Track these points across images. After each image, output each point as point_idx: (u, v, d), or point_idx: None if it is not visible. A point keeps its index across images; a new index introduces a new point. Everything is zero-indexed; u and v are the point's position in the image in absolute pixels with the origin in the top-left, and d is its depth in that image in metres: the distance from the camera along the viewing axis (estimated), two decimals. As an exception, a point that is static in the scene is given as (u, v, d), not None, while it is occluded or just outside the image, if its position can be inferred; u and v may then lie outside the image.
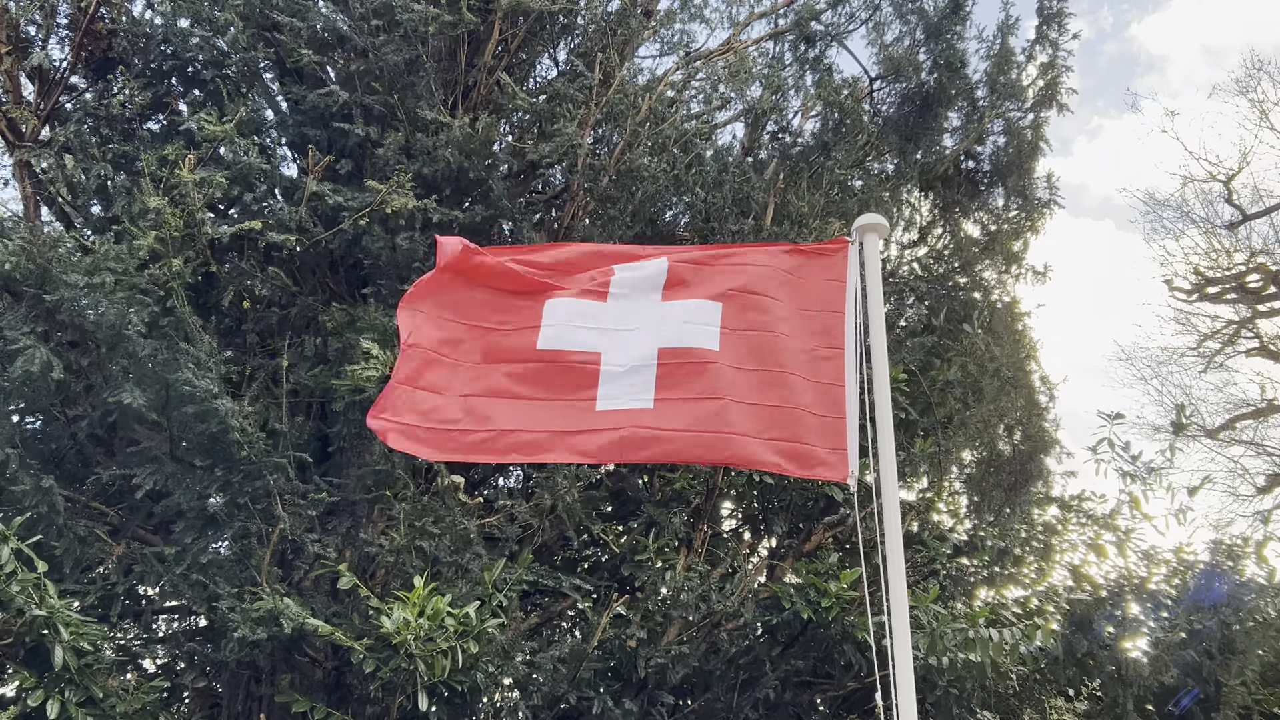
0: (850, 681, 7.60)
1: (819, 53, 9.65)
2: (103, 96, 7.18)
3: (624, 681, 7.13)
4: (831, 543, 8.15)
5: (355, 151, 7.45)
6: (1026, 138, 9.89)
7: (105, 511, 6.46)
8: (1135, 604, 8.00)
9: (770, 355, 4.64)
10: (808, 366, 4.63)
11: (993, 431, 9.39)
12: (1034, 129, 9.91)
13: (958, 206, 10.14)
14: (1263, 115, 18.14)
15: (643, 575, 7.30)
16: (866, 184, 9.31)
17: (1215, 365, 19.02)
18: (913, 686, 4.13)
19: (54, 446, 6.39)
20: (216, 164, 6.85)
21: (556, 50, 8.50)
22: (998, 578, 8.40)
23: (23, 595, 5.39)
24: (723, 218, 8.03)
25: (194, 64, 7.20)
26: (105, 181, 6.86)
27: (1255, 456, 18.58)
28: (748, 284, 4.75)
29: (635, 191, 7.59)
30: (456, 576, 6.60)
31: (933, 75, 9.36)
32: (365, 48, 7.26)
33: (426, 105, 7.24)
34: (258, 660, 6.27)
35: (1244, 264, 18.33)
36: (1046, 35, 9.90)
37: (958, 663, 6.95)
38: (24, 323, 5.92)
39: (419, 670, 5.84)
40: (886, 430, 4.45)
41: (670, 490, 7.97)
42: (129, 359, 6.09)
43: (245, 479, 6.31)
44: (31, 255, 5.88)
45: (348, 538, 6.74)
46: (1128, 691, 7.66)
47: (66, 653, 5.54)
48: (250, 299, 6.97)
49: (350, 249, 7.16)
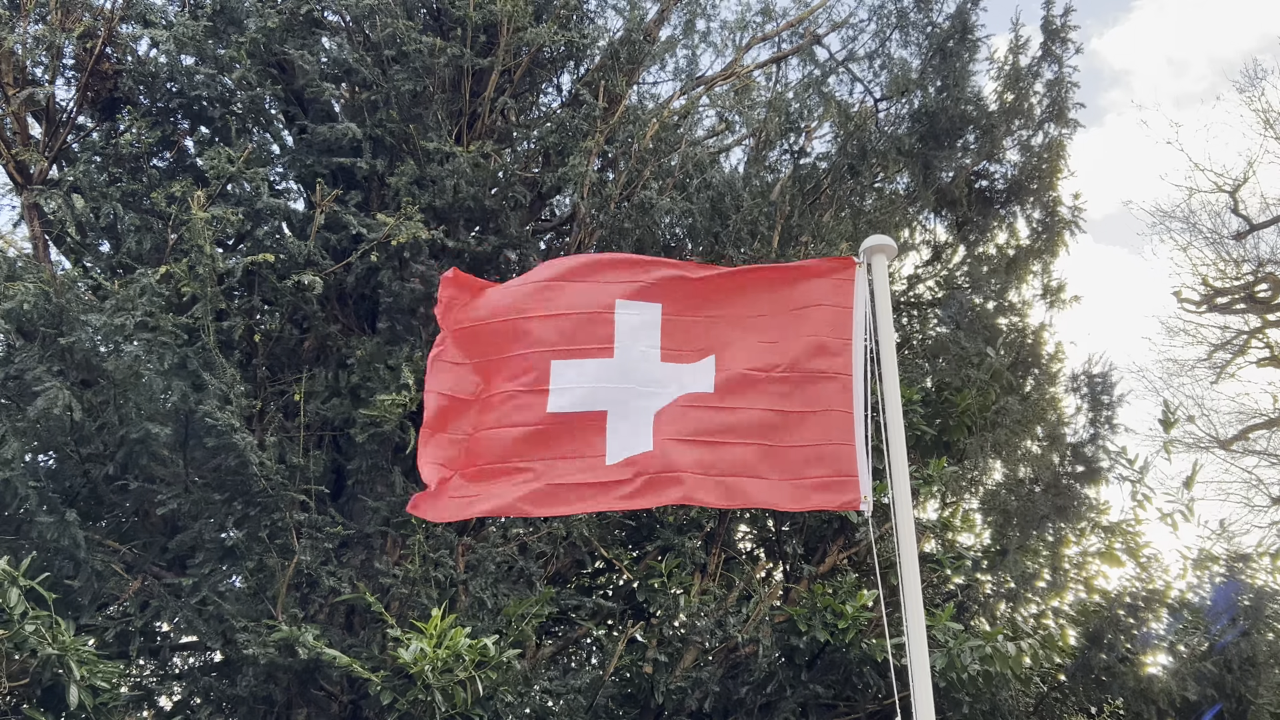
0: (869, 704, 7.57)
1: (823, 75, 9.69)
2: (110, 135, 7.23)
3: (641, 708, 7.10)
4: (847, 564, 8.12)
5: (363, 184, 7.48)
6: (1044, 156, 9.92)
7: (119, 549, 6.47)
8: (1151, 616, 7.96)
9: (773, 393, 4.64)
10: (814, 397, 4.62)
11: (1013, 455, 9.35)
12: (1053, 148, 9.94)
13: (972, 226, 10.15)
14: (1267, 125, 18.13)
15: (658, 601, 7.29)
16: (877, 205, 9.32)
17: (1226, 376, 18.95)
18: (931, 707, 4.11)
19: (67, 484, 6.40)
20: (224, 200, 6.89)
21: (560, 77, 8.55)
22: (1017, 596, 8.36)
23: (35, 635, 5.39)
24: (732, 242, 8.05)
25: (200, 101, 7.25)
26: (115, 220, 6.90)
27: (1269, 467, 18.49)
28: (745, 323, 4.74)
29: (644, 221, 7.62)
30: (475, 608, 6.60)
31: (942, 95, 9.38)
32: (372, 79, 7.30)
33: (434, 136, 7.29)
34: (274, 694, 6.27)
35: (1252, 273, 18.29)
36: (1052, 51, 9.93)
37: (978, 678, 6.92)
38: (39, 362, 5.94)
39: (436, 701, 5.83)
40: (899, 451, 4.44)
41: (685, 515, 7.96)
42: (146, 399, 6.12)
43: (262, 512, 6.32)
44: (48, 296, 5.92)
45: (362, 570, 6.74)
46: (1151, 708, 7.60)
47: (82, 692, 5.53)
48: (262, 333, 6.99)
49: (361, 282, 7.19)
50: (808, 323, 4.71)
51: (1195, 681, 7.73)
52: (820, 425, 4.57)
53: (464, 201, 7.20)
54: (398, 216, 6.78)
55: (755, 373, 4.66)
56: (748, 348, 4.70)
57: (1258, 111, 18.36)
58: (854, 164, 8.97)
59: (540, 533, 7.01)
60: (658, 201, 7.58)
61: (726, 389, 4.63)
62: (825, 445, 4.53)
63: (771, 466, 4.52)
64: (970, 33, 9.53)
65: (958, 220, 10.26)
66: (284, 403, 7.05)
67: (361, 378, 6.81)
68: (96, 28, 7.07)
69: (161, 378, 6.12)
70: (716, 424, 4.56)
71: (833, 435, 4.54)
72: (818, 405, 4.59)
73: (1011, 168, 10.06)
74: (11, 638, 5.32)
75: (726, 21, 10.16)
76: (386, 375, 6.75)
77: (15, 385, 5.99)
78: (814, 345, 4.67)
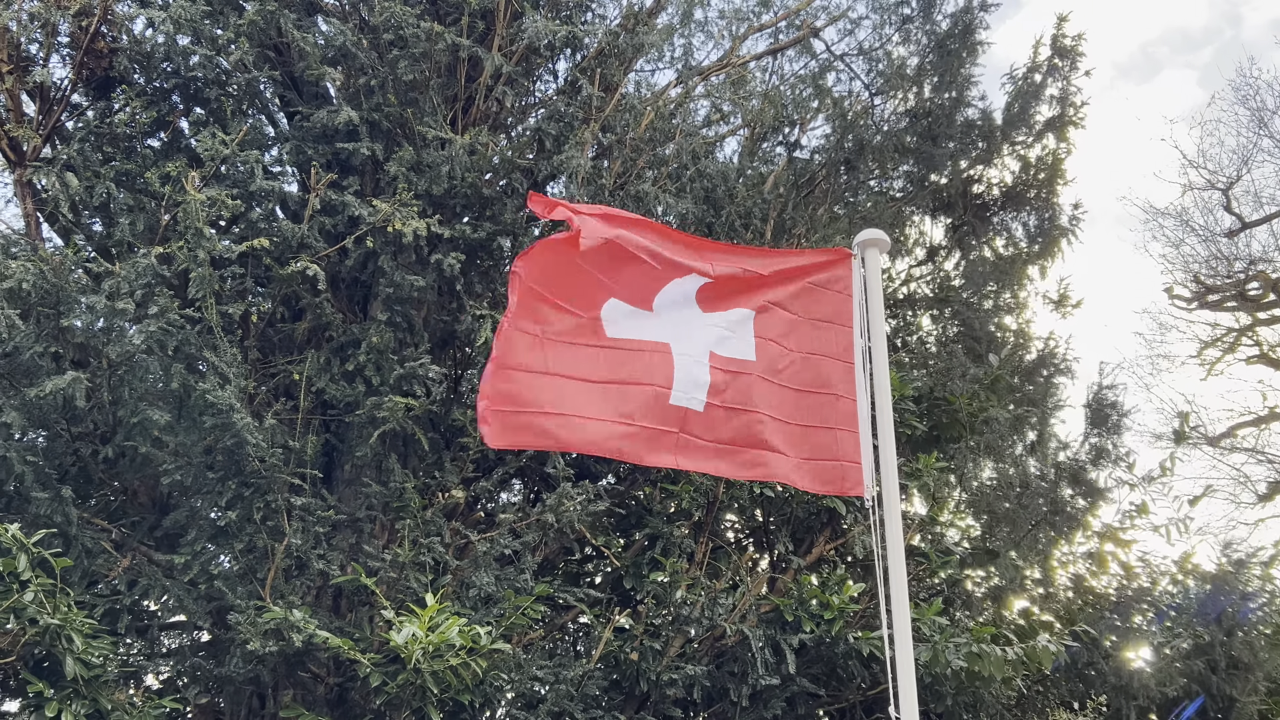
0: (852, 695, 7.62)
1: (820, 69, 9.69)
2: (105, 115, 7.20)
3: (626, 696, 7.13)
4: (834, 555, 8.16)
5: (358, 170, 7.48)
6: (1045, 164, 9.99)
7: (108, 527, 6.48)
8: (1138, 614, 8.02)
9: (792, 370, 4.69)
10: (823, 380, 4.67)
11: (1002, 458, 9.38)
12: (1053, 159, 10.00)
13: (969, 229, 10.19)
14: (1261, 123, 18.18)
15: (645, 589, 7.32)
16: (871, 202, 9.35)
17: (1216, 373, 19.04)
18: (915, 698, 4.16)
19: (58, 463, 6.40)
20: (219, 181, 6.88)
21: (556, 64, 8.54)
22: (1002, 593, 8.42)
23: (35, 605, 5.40)
24: (724, 233, 8.07)
25: (196, 82, 7.23)
26: (108, 200, 6.88)
27: (1257, 464, 18.60)
28: (772, 295, 4.78)
29: (638, 211, 7.61)
30: (463, 591, 6.62)
31: (940, 94, 9.40)
32: (369, 63, 7.29)
33: (431, 121, 7.28)
34: (261, 676, 6.28)
35: (1244, 271, 18.36)
36: (1058, 68, 9.98)
37: (961, 674, 6.97)
38: (36, 341, 5.94)
39: (428, 685, 5.85)
40: (888, 443, 4.48)
41: (673, 503, 7.98)
42: (140, 380, 6.12)
43: (256, 493, 6.33)
44: (44, 275, 5.91)
45: (351, 553, 6.75)
46: (1131, 704, 7.67)
47: (77, 664, 5.55)
48: (257, 315, 6.99)
49: (357, 268, 7.18)
50: (820, 307, 4.77)
51: (1179, 679, 7.80)
52: (827, 410, 4.62)
53: (460, 188, 7.20)
54: (393, 202, 6.77)
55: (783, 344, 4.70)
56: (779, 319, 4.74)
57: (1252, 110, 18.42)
58: (850, 159, 8.98)
59: (529, 519, 7.03)
60: (651, 191, 7.59)
61: (765, 359, 4.66)
62: (833, 430, 4.59)
63: (789, 444, 4.56)
64: (972, 34, 9.55)
65: (953, 223, 10.29)
66: (276, 385, 7.05)
67: (362, 364, 6.80)
68: (92, 5, 7.04)
69: (160, 361, 6.13)
70: (756, 396, 4.58)
71: (838, 421, 4.60)
72: (826, 388, 4.65)
73: (1010, 174, 10.11)
74: (11, 606, 5.33)
75: (724, 11, 10.17)
76: (396, 369, 6.76)
77: (7, 364, 5.98)
78: (825, 329, 4.72)
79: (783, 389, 4.66)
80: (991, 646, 6.93)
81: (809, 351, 4.73)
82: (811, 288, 4.81)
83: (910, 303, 10.15)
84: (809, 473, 4.58)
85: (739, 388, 4.59)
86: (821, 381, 4.69)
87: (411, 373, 6.78)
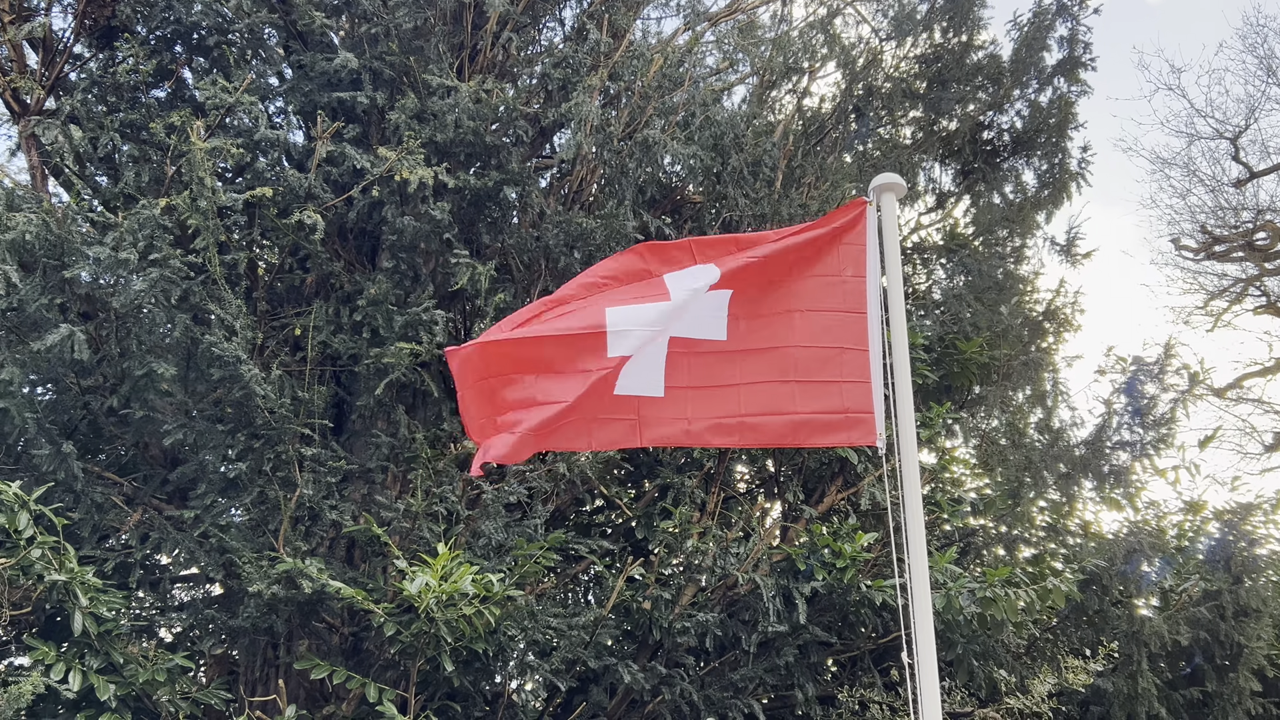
0: (863, 643, 7.64)
1: (829, 14, 9.57)
2: (108, 65, 7.12)
3: (639, 645, 7.16)
4: (846, 505, 8.16)
5: (363, 118, 7.40)
6: (1053, 111, 9.88)
7: (119, 482, 6.47)
8: (1146, 562, 8.02)
9: (788, 331, 4.63)
10: (830, 333, 4.62)
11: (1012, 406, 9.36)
12: (1063, 102, 9.90)
13: (979, 175, 10.11)
14: (1270, 72, 18.00)
15: (657, 539, 7.32)
16: (881, 149, 9.26)
17: (1223, 324, 18.97)
18: (933, 644, 4.15)
19: (66, 417, 6.37)
20: (224, 131, 6.81)
21: (562, 10, 8.43)
22: (1014, 541, 8.42)
23: (42, 561, 5.40)
24: (733, 182, 7.99)
25: (198, 31, 7.14)
26: (113, 151, 6.82)
27: (1263, 414, 18.56)
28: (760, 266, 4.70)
29: (646, 159, 7.53)
30: (475, 541, 6.62)
31: (949, 38, 9.29)
32: (373, 10, 7.19)
33: (435, 69, 7.19)
34: (275, 626, 6.30)
35: (1251, 221, 18.25)
36: (1067, 8, 9.85)
37: (973, 620, 6.98)
38: (42, 294, 5.90)
39: (441, 633, 5.86)
40: (905, 392, 4.44)
41: (685, 454, 7.97)
42: (148, 332, 6.09)
43: (265, 445, 6.32)
44: (49, 227, 5.86)
45: (363, 504, 6.75)
46: (1143, 650, 7.69)
47: (86, 619, 5.56)
48: (264, 266, 6.95)
49: (362, 218, 7.12)
50: (828, 263, 4.71)
51: (1188, 626, 7.81)
52: (836, 362, 4.58)
53: (465, 136, 7.11)
54: (399, 151, 6.70)
55: (771, 312, 4.64)
56: (767, 287, 4.68)
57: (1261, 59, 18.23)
58: (859, 105, 8.89)
59: (540, 470, 7.02)
60: (660, 139, 7.50)
61: (739, 334, 4.61)
62: (842, 383, 4.54)
63: (788, 403, 4.53)
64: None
65: (963, 169, 10.22)
66: (285, 336, 7.01)
67: (366, 315, 6.77)
68: (93, -47, 6.94)
69: (165, 311, 6.09)
70: (731, 370, 4.56)
71: (848, 372, 4.56)
72: (834, 342, 4.60)
73: (1020, 119, 10.01)
74: (19, 563, 5.33)
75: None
76: (397, 317, 6.71)
77: (15, 316, 5.94)
78: (834, 283, 4.67)
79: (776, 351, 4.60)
80: (1005, 590, 6.94)
81: (807, 309, 4.67)
82: (819, 244, 4.74)
83: (919, 250, 10.08)
84: (807, 427, 4.55)
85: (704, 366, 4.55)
86: (830, 337, 4.64)
87: (416, 319, 6.72)
